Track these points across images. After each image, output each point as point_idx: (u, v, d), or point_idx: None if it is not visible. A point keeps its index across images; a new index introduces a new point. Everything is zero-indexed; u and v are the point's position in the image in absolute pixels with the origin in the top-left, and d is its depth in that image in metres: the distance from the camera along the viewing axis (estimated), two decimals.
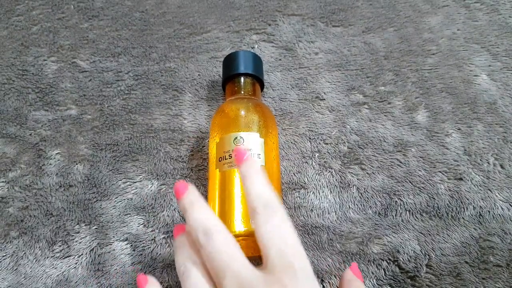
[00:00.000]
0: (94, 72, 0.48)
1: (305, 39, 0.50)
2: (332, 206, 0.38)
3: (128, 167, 0.41)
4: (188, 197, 0.28)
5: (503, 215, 0.37)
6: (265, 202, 0.27)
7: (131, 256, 0.37)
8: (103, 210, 0.39)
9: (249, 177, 0.28)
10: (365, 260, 0.35)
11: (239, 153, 0.29)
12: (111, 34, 0.52)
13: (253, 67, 0.41)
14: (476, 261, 0.35)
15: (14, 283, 0.36)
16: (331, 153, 0.41)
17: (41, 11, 0.55)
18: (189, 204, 0.28)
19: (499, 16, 0.50)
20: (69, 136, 0.44)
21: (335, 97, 0.45)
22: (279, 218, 0.26)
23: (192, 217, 0.27)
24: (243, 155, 0.29)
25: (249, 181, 0.28)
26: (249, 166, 0.29)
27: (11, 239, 0.38)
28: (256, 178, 0.28)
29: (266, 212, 0.26)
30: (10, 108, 0.46)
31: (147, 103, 0.46)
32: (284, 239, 0.26)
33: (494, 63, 0.46)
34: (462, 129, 0.42)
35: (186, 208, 0.28)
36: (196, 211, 0.28)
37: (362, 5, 0.53)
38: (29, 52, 0.51)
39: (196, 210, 0.28)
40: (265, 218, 0.26)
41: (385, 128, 0.42)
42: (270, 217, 0.26)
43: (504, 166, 0.40)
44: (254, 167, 0.29)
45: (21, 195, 0.40)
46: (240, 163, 0.29)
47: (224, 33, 0.51)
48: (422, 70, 0.46)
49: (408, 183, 0.39)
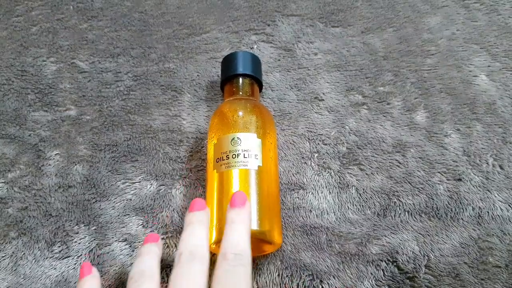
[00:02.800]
0: (93, 72, 0.49)
1: (304, 40, 0.50)
2: (331, 206, 0.38)
3: (127, 167, 0.41)
4: (197, 216, 0.30)
5: (502, 216, 0.37)
6: (238, 252, 0.27)
7: (130, 256, 0.37)
8: (102, 211, 0.39)
9: (236, 223, 0.29)
10: (364, 261, 0.35)
11: (238, 197, 0.30)
12: (110, 34, 0.52)
13: (251, 68, 0.41)
14: (475, 261, 0.35)
15: (13, 283, 0.36)
16: (330, 153, 0.41)
17: (40, 12, 0.55)
18: (196, 222, 0.29)
19: (499, 17, 0.50)
20: (68, 136, 0.44)
21: (334, 97, 0.45)
22: (244, 272, 0.27)
23: (187, 236, 0.29)
24: (241, 201, 0.30)
25: (234, 227, 0.29)
26: (241, 213, 0.29)
27: (10, 240, 0.38)
28: (241, 227, 0.29)
29: (234, 261, 0.27)
30: (10, 108, 0.46)
31: (146, 103, 0.46)
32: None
33: (493, 63, 0.46)
34: (461, 129, 0.42)
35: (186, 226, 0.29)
36: (195, 233, 0.29)
37: (361, 6, 0.53)
38: (28, 52, 0.51)
39: (196, 232, 0.29)
40: (232, 267, 0.26)
41: (384, 129, 0.42)
42: (237, 268, 0.26)
43: (503, 166, 0.40)
44: (246, 218, 0.29)
45: (20, 195, 0.40)
46: (235, 207, 0.29)
47: (223, 33, 0.51)
48: (421, 70, 0.46)
49: (407, 184, 0.39)
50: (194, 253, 0.27)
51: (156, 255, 0.31)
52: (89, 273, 0.31)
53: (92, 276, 0.31)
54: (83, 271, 0.31)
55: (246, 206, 0.30)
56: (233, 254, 0.27)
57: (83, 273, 0.31)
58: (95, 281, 0.30)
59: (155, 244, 0.32)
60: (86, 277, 0.30)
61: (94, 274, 0.31)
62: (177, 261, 0.27)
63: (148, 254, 0.30)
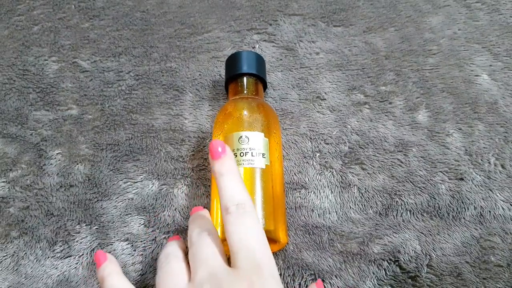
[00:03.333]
0: (95, 72, 0.48)
1: (306, 39, 0.50)
2: (333, 206, 0.38)
3: (129, 167, 0.41)
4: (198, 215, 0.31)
5: (504, 215, 0.37)
6: (238, 202, 0.27)
7: (132, 256, 0.37)
8: (104, 210, 0.39)
9: (225, 176, 0.28)
10: (366, 260, 0.35)
11: (215, 147, 0.28)
12: (112, 34, 0.52)
13: (256, 67, 0.41)
14: (477, 261, 0.35)
15: (15, 283, 0.36)
16: (332, 153, 0.41)
17: (42, 11, 0.55)
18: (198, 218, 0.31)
19: (500, 16, 0.50)
20: (70, 136, 0.44)
21: (336, 97, 0.45)
22: (251, 219, 0.27)
23: (192, 226, 0.30)
24: (220, 150, 0.28)
25: (225, 180, 0.28)
26: (226, 164, 0.28)
27: (12, 239, 0.38)
28: (233, 178, 0.28)
29: (237, 212, 0.27)
30: (11, 108, 0.46)
31: (148, 103, 0.46)
32: (253, 241, 0.26)
33: (495, 63, 0.46)
34: (463, 129, 0.42)
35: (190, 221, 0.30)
36: (196, 221, 0.30)
37: (363, 5, 0.53)
38: (30, 52, 0.51)
39: (197, 221, 0.30)
40: (237, 218, 0.27)
41: (386, 128, 0.42)
42: (242, 218, 0.27)
43: (505, 166, 0.40)
44: (231, 165, 0.28)
45: (22, 195, 0.40)
46: (216, 159, 0.28)
47: (225, 33, 0.51)
48: (423, 70, 0.46)
49: (409, 183, 0.39)
50: (201, 231, 0.28)
51: (178, 245, 0.31)
52: (105, 260, 0.30)
53: (110, 261, 0.30)
54: (99, 259, 0.30)
55: (228, 153, 0.29)
56: (234, 206, 0.27)
57: (100, 260, 0.30)
58: (113, 266, 0.30)
59: (176, 240, 0.33)
60: (103, 264, 0.30)
61: (110, 259, 0.31)
62: (190, 245, 0.28)
63: (170, 245, 0.31)
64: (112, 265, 0.30)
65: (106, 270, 0.29)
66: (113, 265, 0.30)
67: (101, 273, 0.30)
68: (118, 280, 0.29)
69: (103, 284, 0.29)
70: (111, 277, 0.29)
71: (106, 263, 0.30)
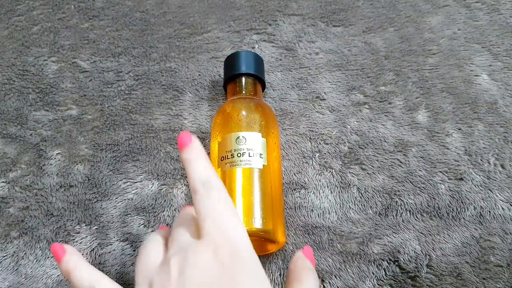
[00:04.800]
0: (95, 72, 0.48)
1: (305, 39, 0.50)
2: (333, 206, 0.38)
3: (129, 167, 0.41)
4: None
5: (503, 215, 0.37)
6: (204, 181, 0.27)
7: (132, 256, 0.37)
8: (103, 210, 0.39)
9: (191, 160, 0.28)
10: (366, 260, 0.35)
11: (182, 138, 0.28)
12: (112, 34, 0.52)
13: (254, 67, 0.41)
14: (477, 261, 0.35)
15: (15, 283, 0.36)
16: (332, 153, 0.41)
17: (42, 11, 0.55)
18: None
19: (500, 16, 0.50)
20: (69, 136, 0.44)
21: (335, 97, 0.45)
22: (218, 194, 0.27)
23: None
24: (186, 140, 0.28)
25: (191, 164, 0.28)
26: (191, 151, 0.28)
27: (12, 239, 0.38)
28: (198, 161, 0.28)
29: (205, 189, 0.26)
30: (11, 108, 0.46)
31: (148, 103, 0.46)
32: (221, 212, 0.26)
33: (495, 63, 0.46)
34: (463, 129, 0.42)
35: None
36: (180, 217, 0.30)
37: (363, 5, 0.53)
38: (29, 52, 0.51)
39: (180, 216, 0.30)
40: (204, 195, 0.26)
41: (385, 128, 0.42)
42: (209, 194, 0.26)
43: (505, 166, 0.40)
44: (197, 150, 0.28)
45: (21, 195, 0.40)
46: (183, 148, 0.28)
47: (225, 33, 0.51)
48: (422, 70, 0.46)
49: (408, 183, 0.39)
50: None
51: (162, 233, 0.30)
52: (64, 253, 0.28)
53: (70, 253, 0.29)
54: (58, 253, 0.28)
55: (194, 141, 0.29)
56: (200, 183, 0.27)
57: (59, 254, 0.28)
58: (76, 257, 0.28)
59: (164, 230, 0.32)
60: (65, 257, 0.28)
61: (70, 250, 0.29)
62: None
63: (155, 233, 0.30)
64: (74, 257, 0.28)
65: (70, 263, 0.28)
66: (76, 256, 0.29)
67: (65, 267, 0.28)
68: (86, 271, 0.27)
69: (71, 278, 0.27)
70: (77, 270, 0.27)
71: (67, 256, 0.28)
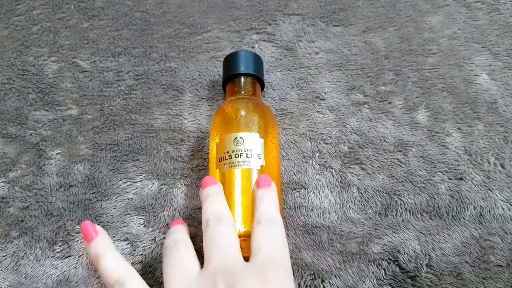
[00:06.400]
0: (95, 72, 0.48)
1: (305, 39, 0.50)
2: (333, 206, 0.38)
3: (129, 167, 0.41)
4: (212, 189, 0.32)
5: (503, 215, 0.37)
6: (270, 218, 0.29)
7: (132, 256, 0.37)
8: (103, 210, 0.39)
9: (264, 199, 0.31)
10: (366, 260, 0.35)
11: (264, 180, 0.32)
12: (112, 34, 0.52)
13: (253, 67, 0.41)
14: (477, 261, 0.35)
15: (15, 283, 0.36)
16: (332, 153, 0.41)
17: (42, 11, 0.55)
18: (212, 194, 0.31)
19: (500, 16, 0.50)
20: (69, 136, 0.44)
21: (335, 97, 0.45)
22: (278, 228, 0.29)
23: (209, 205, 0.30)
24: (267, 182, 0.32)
25: (262, 201, 0.30)
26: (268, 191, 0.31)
27: (12, 239, 0.38)
28: (269, 201, 0.31)
29: (268, 224, 0.29)
30: (11, 108, 0.46)
31: (148, 103, 0.46)
32: (276, 243, 0.28)
33: (495, 62, 0.46)
34: (463, 128, 0.42)
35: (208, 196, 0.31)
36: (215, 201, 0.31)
37: (363, 5, 0.53)
38: (29, 52, 0.51)
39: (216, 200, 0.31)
40: (265, 227, 0.29)
41: (385, 128, 0.42)
42: (270, 227, 0.29)
43: (505, 166, 0.40)
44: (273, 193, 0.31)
45: (21, 195, 0.40)
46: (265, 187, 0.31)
47: (225, 32, 0.51)
48: (422, 69, 0.46)
49: (408, 183, 0.39)
50: (220, 217, 0.29)
51: (185, 232, 0.32)
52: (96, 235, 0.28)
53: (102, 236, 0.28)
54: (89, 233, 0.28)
55: (272, 186, 0.32)
56: (267, 219, 0.29)
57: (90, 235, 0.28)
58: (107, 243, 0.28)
59: (182, 225, 0.33)
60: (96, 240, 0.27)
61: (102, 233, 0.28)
62: (205, 228, 0.28)
63: (177, 231, 0.31)
64: (106, 241, 0.28)
65: (100, 248, 0.27)
66: (107, 241, 0.28)
67: (94, 251, 0.27)
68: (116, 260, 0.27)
69: (98, 265, 0.26)
70: (107, 258, 0.26)
71: (98, 238, 0.27)
